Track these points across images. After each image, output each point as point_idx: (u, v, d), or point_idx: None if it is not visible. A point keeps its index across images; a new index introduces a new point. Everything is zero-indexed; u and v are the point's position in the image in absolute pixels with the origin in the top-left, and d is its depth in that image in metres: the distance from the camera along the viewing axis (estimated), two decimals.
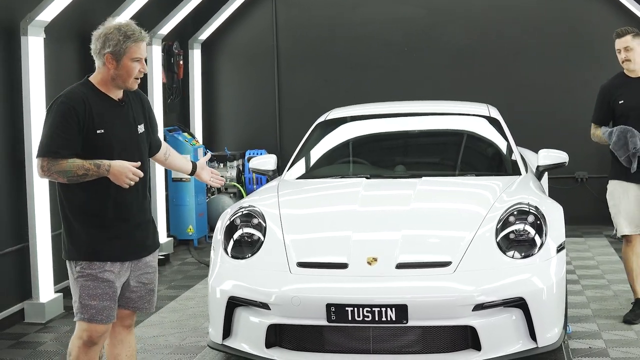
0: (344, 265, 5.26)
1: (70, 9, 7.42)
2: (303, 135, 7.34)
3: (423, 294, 5.06)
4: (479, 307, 5.02)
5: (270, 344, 5.26)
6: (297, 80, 11.40)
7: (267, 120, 11.50)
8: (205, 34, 11.10)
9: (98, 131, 4.26)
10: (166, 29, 9.68)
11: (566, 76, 10.78)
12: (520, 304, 5.11)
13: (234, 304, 5.35)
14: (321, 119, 7.45)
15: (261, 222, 5.68)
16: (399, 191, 6.28)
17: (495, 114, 7.25)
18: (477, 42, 10.99)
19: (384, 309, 5.00)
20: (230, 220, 5.76)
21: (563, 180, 10.61)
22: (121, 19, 4.88)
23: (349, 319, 5.04)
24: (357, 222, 5.64)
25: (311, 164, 7.04)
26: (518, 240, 5.39)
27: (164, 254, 9.46)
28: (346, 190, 6.35)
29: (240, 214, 5.78)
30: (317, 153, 7.15)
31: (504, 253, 5.30)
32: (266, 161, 7.14)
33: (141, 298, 4.62)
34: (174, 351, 6.22)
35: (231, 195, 10.93)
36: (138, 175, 4.29)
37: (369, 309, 5.01)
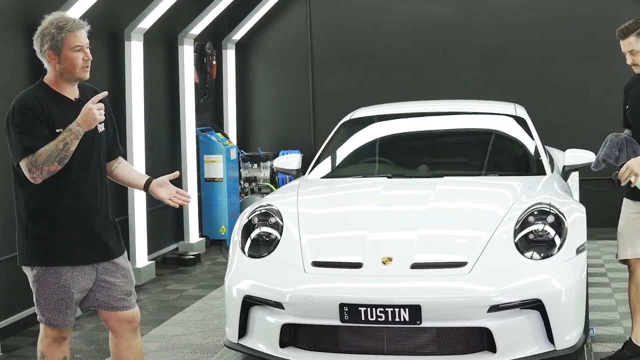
0: (358, 265, 5.20)
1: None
2: None
3: (436, 295, 4.99)
4: (494, 309, 4.93)
5: (284, 344, 5.22)
6: (332, 80, 11.35)
7: (301, 120, 11.48)
8: (239, 35, 11.12)
9: (57, 130, 4.20)
10: (197, 29, 9.73)
11: (599, 76, 10.58)
12: (537, 305, 5.00)
13: (249, 303, 5.31)
14: (346, 119, 7.41)
15: (279, 221, 5.64)
16: (419, 191, 6.21)
17: (522, 113, 7.12)
18: (510, 42, 10.83)
19: (397, 310, 4.93)
20: (248, 219, 5.74)
21: (597, 181, 10.41)
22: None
23: (362, 319, 4.98)
24: (375, 222, 5.58)
25: (334, 164, 6.99)
26: (537, 241, 5.29)
27: (195, 253, 9.49)
28: (366, 190, 6.30)
29: (258, 213, 5.75)
30: (341, 152, 7.10)
31: (522, 254, 5.20)
32: (291, 160, 7.12)
33: (120, 300, 4.47)
34: (194, 350, 6.22)
35: (264, 195, 10.91)
36: (99, 108, 4.16)
37: (382, 309, 4.95)
